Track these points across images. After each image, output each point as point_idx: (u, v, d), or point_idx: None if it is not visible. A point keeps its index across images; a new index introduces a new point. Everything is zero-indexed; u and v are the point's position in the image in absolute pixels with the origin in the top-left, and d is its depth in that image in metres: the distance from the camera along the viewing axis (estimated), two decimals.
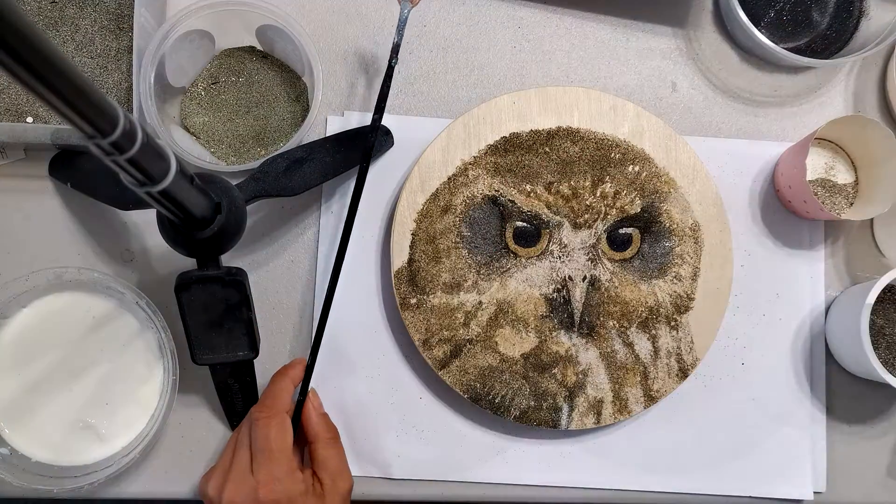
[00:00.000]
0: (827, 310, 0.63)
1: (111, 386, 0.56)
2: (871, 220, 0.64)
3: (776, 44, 0.60)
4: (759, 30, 0.60)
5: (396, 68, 0.55)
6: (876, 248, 0.64)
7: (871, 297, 0.56)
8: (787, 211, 0.63)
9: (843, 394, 0.63)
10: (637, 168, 0.60)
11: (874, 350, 0.56)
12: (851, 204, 0.62)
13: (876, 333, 0.59)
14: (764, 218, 0.63)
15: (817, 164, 0.63)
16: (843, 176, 0.63)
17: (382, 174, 0.62)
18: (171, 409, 0.56)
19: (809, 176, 0.62)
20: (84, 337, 0.56)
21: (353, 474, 0.56)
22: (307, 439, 0.55)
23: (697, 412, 0.62)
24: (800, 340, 0.63)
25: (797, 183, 0.59)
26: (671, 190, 0.61)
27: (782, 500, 0.62)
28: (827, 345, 0.63)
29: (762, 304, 0.63)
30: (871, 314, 0.57)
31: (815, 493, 0.61)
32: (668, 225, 0.60)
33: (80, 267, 0.56)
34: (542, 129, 0.60)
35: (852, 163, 0.63)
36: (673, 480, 0.61)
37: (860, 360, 0.57)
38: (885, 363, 0.58)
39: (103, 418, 0.56)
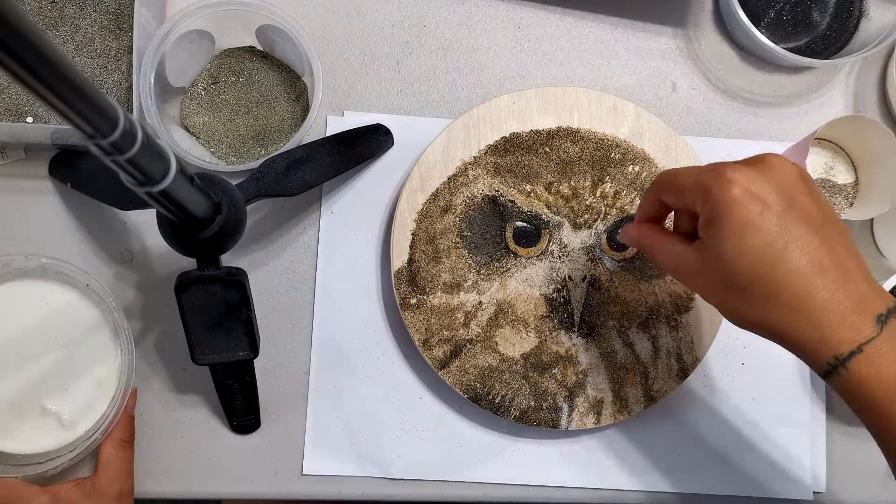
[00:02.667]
0: None
1: (69, 371, 0.55)
2: (871, 220, 0.64)
3: (776, 44, 0.60)
4: (759, 30, 0.60)
5: (397, 68, 0.55)
6: (876, 248, 0.64)
7: None
8: None
9: None
10: (637, 168, 0.60)
11: None
12: (851, 204, 0.62)
13: None
14: None
15: (817, 164, 0.63)
16: (843, 176, 0.63)
17: (382, 174, 0.62)
18: (130, 390, 0.55)
19: None
20: (37, 324, 0.55)
21: (353, 474, 0.56)
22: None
23: (697, 412, 0.62)
24: None
25: None
26: None
27: (782, 500, 0.62)
28: None
29: None
30: None
31: (814, 493, 0.61)
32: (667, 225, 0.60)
33: (28, 253, 0.55)
34: (542, 130, 0.60)
35: (852, 163, 0.63)
36: (673, 480, 0.61)
37: None
38: None
39: (64, 404, 0.55)
